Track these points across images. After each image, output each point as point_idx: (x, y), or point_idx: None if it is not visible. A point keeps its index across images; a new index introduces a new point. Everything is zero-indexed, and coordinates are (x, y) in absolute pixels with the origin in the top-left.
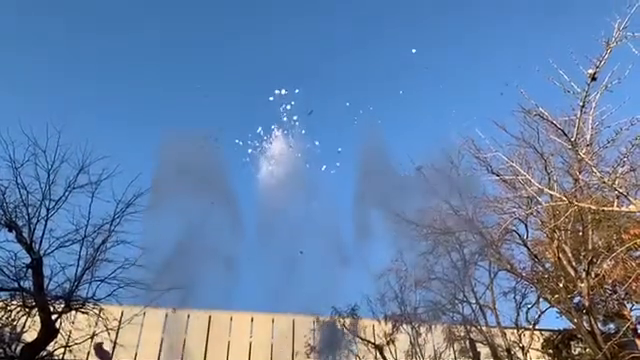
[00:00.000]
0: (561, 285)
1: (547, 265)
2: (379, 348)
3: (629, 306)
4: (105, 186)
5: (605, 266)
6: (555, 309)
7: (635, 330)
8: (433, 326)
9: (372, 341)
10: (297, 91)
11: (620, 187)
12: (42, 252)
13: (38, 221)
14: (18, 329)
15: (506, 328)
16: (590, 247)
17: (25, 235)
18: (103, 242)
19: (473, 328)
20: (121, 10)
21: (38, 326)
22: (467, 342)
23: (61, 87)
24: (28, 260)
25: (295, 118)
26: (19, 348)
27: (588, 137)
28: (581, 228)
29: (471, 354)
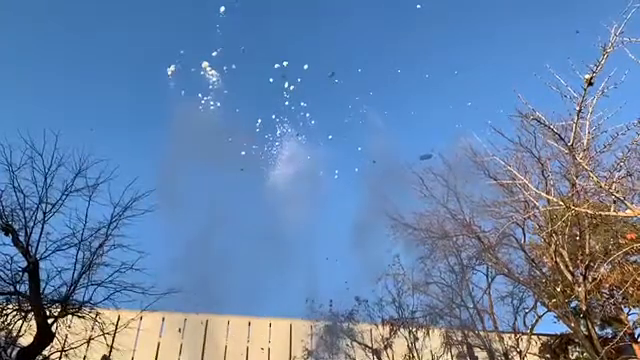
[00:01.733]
0: (558, 289)
1: (544, 269)
2: (377, 352)
3: (626, 310)
4: (102, 189)
5: (602, 270)
6: (552, 313)
7: (632, 334)
8: (431, 330)
9: (370, 345)
10: (306, 67)
11: (617, 192)
12: (38, 256)
13: (35, 225)
14: (14, 333)
15: (504, 332)
16: (587, 251)
17: (21, 239)
18: (100, 246)
19: (471, 332)
20: (121, 12)
21: (34, 330)
22: (465, 347)
23: (59, 90)
24: (24, 264)
25: (303, 105)
26: (15, 352)
27: (585, 142)
28: (578, 232)
29: (469, 359)
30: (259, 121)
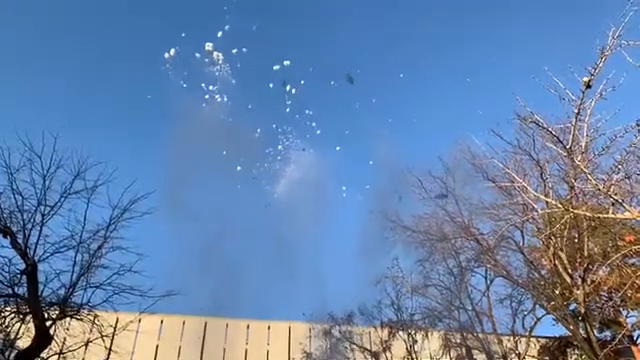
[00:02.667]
0: (557, 292)
1: (543, 272)
2: (375, 355)
3: (625, 313)
4: (101, 192)
5: (601, 273)
6: (551, 316)
7: (631, 337)
8: (430, 333)
9: (368, 348)
10: (311, 69)
11: (615, 194)
12: (37, 258)
13: (33, 227)
14: (12, 336)
15: (502, 335)
16: (586, 254)
17: (20, 241)
18: (99, 248)
19: (469, 335)
20: (119, 16)
21: (32, 333)
22: (463, 349)
23: (57, 94)
24: (23, 266)
25: (309, 113)
26: (13, 355)
27: (583, 144)
28: (577, 235)
29: None
30: (258, 130)
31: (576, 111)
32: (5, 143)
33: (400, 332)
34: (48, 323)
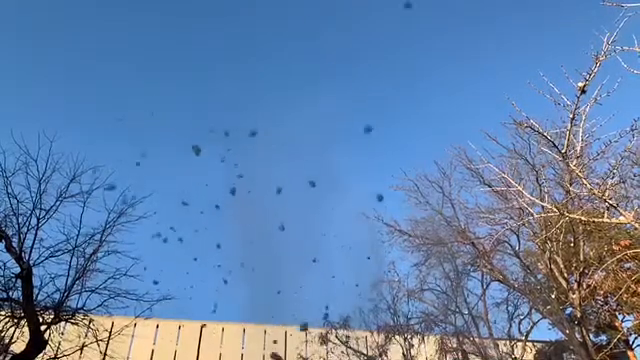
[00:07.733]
0: (553, 296)
1: (539, 276)
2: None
3: (620, 317)
4: (97, 196)
5: (596, 277)
6: (547, 320)
7: (627, 341)
8: (426, 337)
9: (364, 352)
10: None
11: (610, 198)
12: (32, 262)
13: (28, 230)
14: (6, 340)
15: (499, 339)
16: (581, 258)
17: (15, 245)
18: (94, 252)
19: (466, 339)
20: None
21: (26, 337)
22: (460, 353)
23: (54, 97)
24: (17, 270)
25: None
26: (7, 359)
27: (578, 149)
28: (572, 239)
29: None
30: None
31: (571, 116)
32: (0, 146)
33: (396, 336)
34: (43, 327)
